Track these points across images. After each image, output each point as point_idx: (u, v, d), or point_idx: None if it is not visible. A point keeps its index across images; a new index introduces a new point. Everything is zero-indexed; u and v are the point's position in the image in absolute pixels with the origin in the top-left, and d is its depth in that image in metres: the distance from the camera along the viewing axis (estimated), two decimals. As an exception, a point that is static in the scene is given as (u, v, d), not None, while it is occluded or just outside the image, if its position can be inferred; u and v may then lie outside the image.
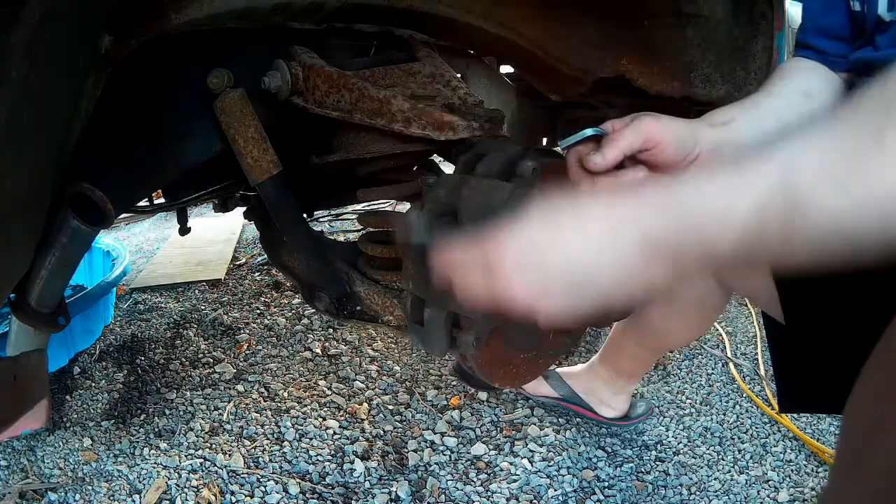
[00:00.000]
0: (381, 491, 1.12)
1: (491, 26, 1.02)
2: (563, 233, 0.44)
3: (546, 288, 0.44)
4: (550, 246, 0.44)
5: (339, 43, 0.94)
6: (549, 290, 0.44)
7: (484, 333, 0.63)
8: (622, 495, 1.11)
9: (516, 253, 0.45)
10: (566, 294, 0.44)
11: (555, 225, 0.44)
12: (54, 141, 0.59)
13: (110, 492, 1.13)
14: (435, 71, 0.88)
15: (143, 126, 0.79)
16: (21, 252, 0.63)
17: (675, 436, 1.28)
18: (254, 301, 1.97)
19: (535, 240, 0.44)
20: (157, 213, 2.70)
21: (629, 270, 0.42)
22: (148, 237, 2.87)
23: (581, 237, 0.43)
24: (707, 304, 0.95)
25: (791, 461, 1.20)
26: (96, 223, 0.69)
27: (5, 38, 0.42)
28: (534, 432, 1.28)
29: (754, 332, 1.71)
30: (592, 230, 0.43)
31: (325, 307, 0.90)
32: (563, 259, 0.43)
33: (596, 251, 0.42)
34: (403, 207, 0.76)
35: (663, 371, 1.52)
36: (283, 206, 0.84)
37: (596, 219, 0.43)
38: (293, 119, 0.86)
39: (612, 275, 0.42)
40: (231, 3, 0.74)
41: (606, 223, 0.42)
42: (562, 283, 0.43)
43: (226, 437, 1.28)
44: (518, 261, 0.44)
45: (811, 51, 0.77)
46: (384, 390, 1.44)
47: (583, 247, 0.43)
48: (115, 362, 1.60)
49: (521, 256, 0.44)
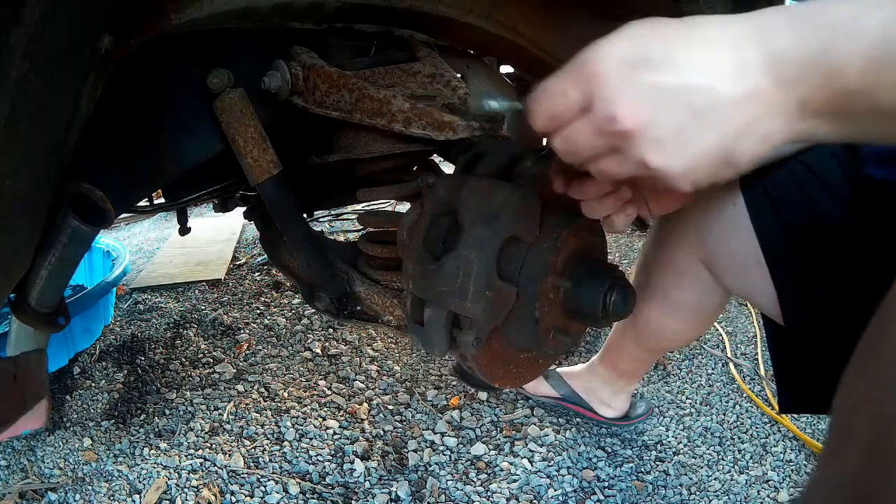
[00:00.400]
0: (381, 491, 1.12)
1: (491, 26, 1.02)
2: (677, 49, 0.36)
3: (659, 115, 0.36)
4: (663, 61, 0.36)
5: (339, 43, 0.94)
6: (662, 119, 0.36)
7: (484, 333, 0.63)
8: (622, 495, 1.11)
9: (623, 66, 0.36)
10: (679, 130, 0.36)
11: (668, 38, 0.36)
12: (54, 141, 0.59)
13: (110, 492, 1.13)
14: (435, 71, 0.88)
15: (143, 126, 0.78)
16: (21, 252, 0.63)
17: (675, 436, 1.28)
18: (254, 301, 1.97)
19: (644, 53, 0.36)
20: (157, 213, 2.70)
21: (754, 103, 0.35)
22: (148, 237, 2.86)
23: (698, 57, 0.35)
24: (706, 304, 0.95)
25: (791, 461, 1.20)
26: (96, 223, 0.69)
27: (5, 38, 0.42)
28: (534, 432, 1.28)
29: (754, 332, 1.71)
30: (711, 48, 0.35)
31: (325, 307, 0.90)
32: (679, 78, 0.35)
33: (717, 74, 0.35)
34: (403, 207, 0.76)
35: (663, 371, 1.52)
36: (283, 206, 0.84)
37: (714, 37, 0.36)
38: (293, 119, 0.86)
39: (734, 107, 0.35)
40: (231, 3, 0.74)
41: (727, 40, 0.35)
42: (678, 110, 0.35)
43: (226, 437, 1.28)
44: (626, 75, 0.36)
45: None
46: (384, 390, 1.44)
47: (701, 67, 0.35)
48: (115, 362, 1.60)
49: (629, 70, 0.36)
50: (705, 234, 0.84)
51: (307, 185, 0.98)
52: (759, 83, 0.35)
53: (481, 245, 0.59)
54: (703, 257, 0.87)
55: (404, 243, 0.71)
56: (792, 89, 0.35)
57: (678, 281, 0.93)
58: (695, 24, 0.37)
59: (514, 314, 0.64)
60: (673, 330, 1.02)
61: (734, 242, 0.80)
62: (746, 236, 0.78)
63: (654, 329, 1.04)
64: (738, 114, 0.35)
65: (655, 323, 1.02)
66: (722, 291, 0.92)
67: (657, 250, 0.96)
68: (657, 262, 0.96)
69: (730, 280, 0.85)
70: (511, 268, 0.62)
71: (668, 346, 1.14)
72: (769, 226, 0.76)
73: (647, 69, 0.36)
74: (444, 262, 0.61)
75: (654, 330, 1.04)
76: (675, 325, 1.01)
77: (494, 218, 0.59)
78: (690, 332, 1.03)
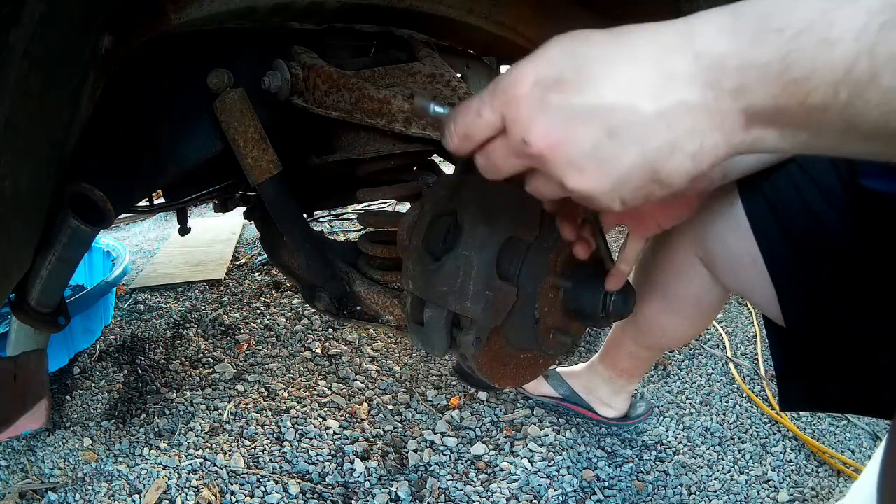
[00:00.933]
0: (381, 491, 1.12)
1: (491, 26, 1.02)
2: (594, 65, 0.34)
3: (572, 137, 0.34)
4: (578, 80, 0.34)
5: (339, 43, 0.94)
6: (576, 141, 0.34)
7: (484, 333, 0.63)
8: (622, 495, 1.11)
9: (536, 88, 0.35)
10: (597, 148, 0.34)
11: (586, 56, 0.34)
12: (54, 141, 0.59)
13: (110, 492, 1.13)
14: (435, 71, 0.88)
15: (143, 126, 0.78)
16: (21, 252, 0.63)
17: (675, 436, 1.28)
18: (254, 301, 1.97)
19: (559, 73, 0.34)
20: (157, 213, 2.70)
21: (680, 117, 0.32)
22: (148, 237, 2.86)
23: (616, 71, 0.33)
24: (705, 302, 0.95)
25: (791, 461, 1.20)
26: (96, 223, 0.69)
27: (5, 38, 0.42)
28: (534, 432, 1.28)
29: (754, 332, 1.71)
30: (633, 61, 0.33)
31: (325, 307, 0.90)
32: (593, 97, 0.33)
33: (635, 89, 0.32)
34: (403, 207, 0.76)
35: (663, 371, 1.52)
36: (283, 206, 0.84)
37: (638, 47, 0.33)
38: (293, 119, 0.86)
39: (655, 123, 0.32)
40: (231, 3, 0.74)
41: (652, 50, 0.33)
42: (592, 131, 0.33)
43: (226, 437, 1.28)
44: (539, 97, 0.34)
45: None
46: (384, 390, 1.44)
47: (617, 83, 0.33)
48: (115, 362, 1.60)
49: (542, 92, 0.34)
50: (704, 232, 0.84)
51: (307, 185, 0.98)
52: (687, 95, 0.32)
53: (481, 245, 0.59)
54: (701, 255, 0.87)
55: (404, 243, 0.71)
56: (733, 99, 0.31)
57: (677, 278, 0.93)
58: (620, 34, 0.34)
59: (514, 314, 0.64)
60: (673, 328, 1.02)
61: (732, 241, 0.80)
62: (744, 236, 0.78)
63: (654, 327, 1.04)
64: (660, 130, 0.32)
65: (655, 321, 1.02)
66: (721, 289, 0.92)
67: (656, 248, 0.96)
68: (656, 260, 0.96)
69: (728, 278, 0.86)
70: (511, 268, 0.62)
71: (668, 344, 1.14)
72: (767, 228, 0.76)
73: (560, 90, 0.34)
74: (444, 262, 0.61)
75: (654, 328, 1.04)
76: (674, 322, 1.01)
77: (494, 218, 0.59)
78: (690, 329, 1.04)
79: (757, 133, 0.32)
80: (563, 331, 0.67)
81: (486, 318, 0.61)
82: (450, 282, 0.60)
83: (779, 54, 0.29)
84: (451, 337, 0.64)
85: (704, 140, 0.33)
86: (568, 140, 0.34)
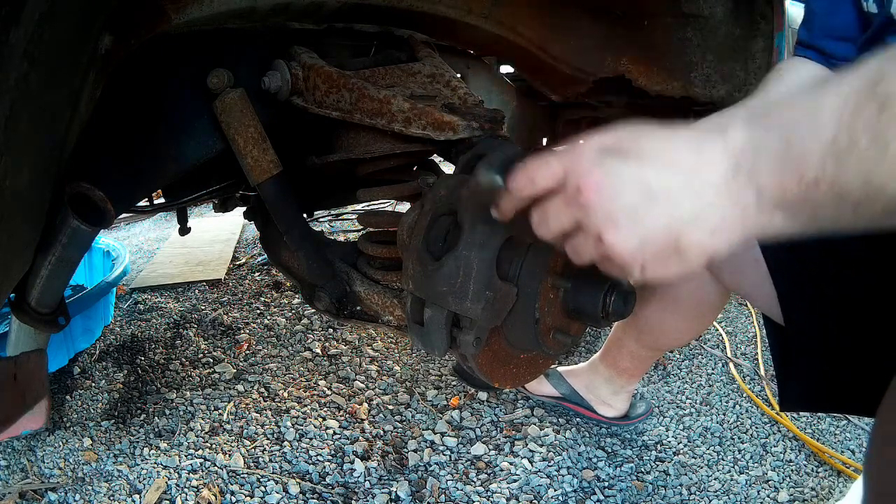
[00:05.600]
0: (381, 491, 1.12)
1: (491, 26, 1.02)
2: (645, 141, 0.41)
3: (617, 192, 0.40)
4: (631, 150, 0.41)
5: (339, 43, 0.94)
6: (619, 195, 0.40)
7: (484, 333, 0.63)
8: (622, 495, 1.11)
9: (599, 150, 0.42)
10: (635, 206, 0.40)
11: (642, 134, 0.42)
12: (54, 141, 0.59)
13: (110, 492, 1.13)
14: (435, 71, 0.88)
15: (144, 126, 0.78)
16: (21, 252, 0.63)
17: (675, 436, 1.28)
18: (254, 301, 1.97)
19: (618, 143, 0.42)
20: (157, 213, 2.70)
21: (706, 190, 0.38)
22: (148, 237, 2.87)
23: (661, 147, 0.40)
24: (705, 302, 0.95)
25: (791, 461, 1.20)
26: (96, 223, 0.69)
27: (5, 38, 0.42)
28: (534, 432, 1.28)
29: (754, 332, 1.72)
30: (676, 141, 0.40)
31: (325, 307, 0.90)
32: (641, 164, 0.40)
33: (674, 162, 0.39)
34: (403, 207, 0.76)
35: (663, 371, 1.52)
36: (283, 206, 0.84)
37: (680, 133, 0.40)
38: (293, 119, 0.86)
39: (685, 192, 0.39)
40: (231, 3, 0.74)
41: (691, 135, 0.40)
42: (634, 190, 0.40)
43: (226, 437, 1.28)
44: (599, 157, 0.41)
45: (814, 51, 0.77)
46: (384, 390, 1.44)
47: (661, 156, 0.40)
48: (115, 362, 1.60)
49: (602, 154, 0.42)
50: None
51: (307, 185, 0.98)
52: (714, 175, 0.38)
53: (481, 245, 0.59)
54: None
55: (404, 243, 0.71)
56: (749, 177, 0.37)
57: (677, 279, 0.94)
58: (670, 126, 0.42)
59: (514, 314, 0.64)
60: (673, 327, 1.02)
61: None
62: None
63: (655, 327, 1.04)
64: (689, 199, 0.38)
65: (655, 320, 1.02)
66: (721, 289, 0.92)
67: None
68: None
69: (728, 278, 0.86)
70: (511, 268, 0.62)
71: (669, 343, 1.15)
72: None
73: (617, 154, 0.41)
74: (444, 262, 0.61)
75: (655, 327, 1.04)
76: (675, 322, 1.01)
77: (494, 218, 0.59)
78: (690, 329, 1.04)
79: (766, 217, 0.38)
80: (563, 331, 0.67)
81: (486, 318, 0.61)
82: (450, 282, 0.60)
83: (780, 137, 0.36)
84: (451, 337, 0.64)
85: (725, 214, 0.38)
86: (613, 194, 0.40)
